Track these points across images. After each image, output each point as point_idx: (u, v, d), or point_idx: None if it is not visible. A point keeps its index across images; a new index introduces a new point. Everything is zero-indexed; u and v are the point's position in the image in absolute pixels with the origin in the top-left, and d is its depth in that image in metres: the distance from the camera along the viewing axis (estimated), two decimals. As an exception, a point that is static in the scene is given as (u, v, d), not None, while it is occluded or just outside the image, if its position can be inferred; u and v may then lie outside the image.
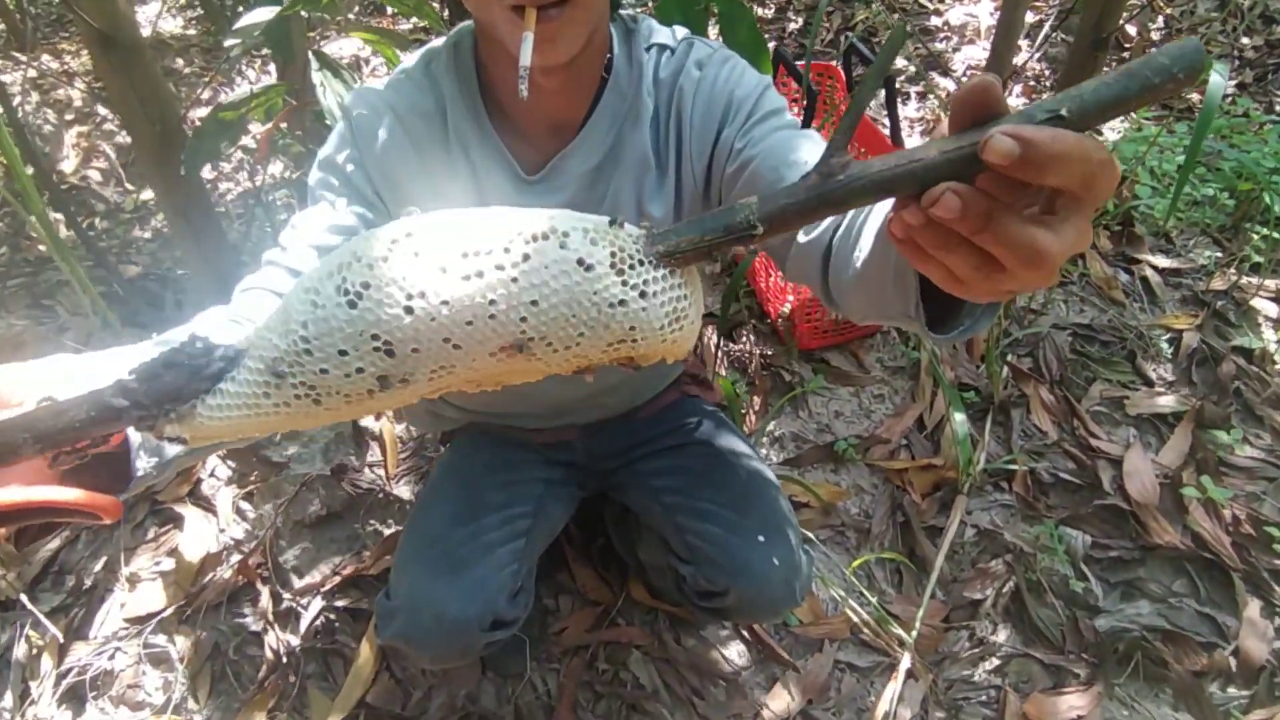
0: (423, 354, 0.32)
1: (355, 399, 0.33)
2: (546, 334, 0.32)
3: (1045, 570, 1.34)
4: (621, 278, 0.33)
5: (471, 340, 0.32)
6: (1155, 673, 1.22)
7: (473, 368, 0.33)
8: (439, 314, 0.31)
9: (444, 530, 0.90)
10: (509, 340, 0.32)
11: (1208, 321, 1.64)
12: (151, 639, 1.28)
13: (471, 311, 0.31)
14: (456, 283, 0.31)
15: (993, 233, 0.31)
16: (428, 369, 0.32)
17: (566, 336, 0.32)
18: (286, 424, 0.34)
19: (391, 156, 0.73)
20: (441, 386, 0.35)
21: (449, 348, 0.32)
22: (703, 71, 0.73)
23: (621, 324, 0.33)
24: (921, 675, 1.24)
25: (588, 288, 0.32)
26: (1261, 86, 2.53)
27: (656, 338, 0.34)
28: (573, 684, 1.22)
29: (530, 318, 0.32)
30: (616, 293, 0.32)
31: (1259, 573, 1.30)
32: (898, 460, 1.49)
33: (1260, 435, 1.47)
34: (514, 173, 0.74)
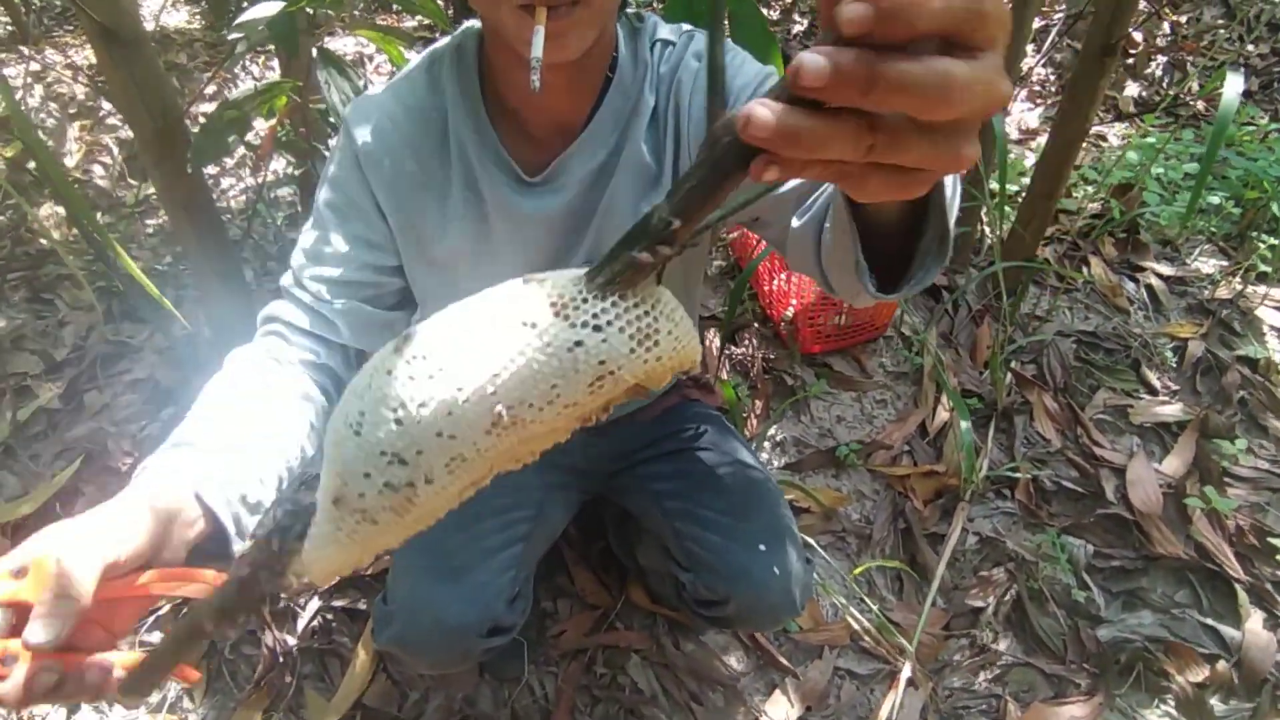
0: (427, 453, 0.34)
1: (401, 509, 0.36)
2: (521, 398, 0.33)
3: (1047, 579, 1.33)
4: (568, 321, 0.33)
5: (460, 427, 0.34)
6: (1156, 684, 1.22)
7: (482, 449, 0.35)
8: (421, 416, 0.34)
9: (442, 535, 0.89)
10: (491, 416, 0.33)
11: (1212, 330, 1.63)
12: (146, 636, 1.27)
13: (446, 405, 0.33)
14: (425, 384, 0.34)
15: (883, 82, 0.24)
16: (441, 464, 0.34)
17: (541, 394, 0.33)
18: (369, 546, 0.38)
19: (390, 168, 0.73)
20: (476, 474, 0.37)
21: (446, 439, 0.34)
22: (701, 63, 0.73)
23: (588, 363, 0.33)
24: (922, 683, 1.23)
25: (537, 342, 0.33)
26: (1268, 94, 2.52)
27: (634, 363, 0.34)
28: (571, 688, 1.21)
29: (498, 390, 0.33)
30: (568, 336, 0.33)
31: (1262, 584, 1.29)
32: (900, 466, 1.48)
33: (1265, 445, 1.47)
34: (514, 175, 0.73)
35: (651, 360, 0.35)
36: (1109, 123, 2.48)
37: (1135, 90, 2.59)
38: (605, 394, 0.35)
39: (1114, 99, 2.58)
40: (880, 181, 0.29)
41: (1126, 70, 2.69)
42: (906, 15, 0.24)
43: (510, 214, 0.74)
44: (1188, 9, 2.86)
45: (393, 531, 0.36)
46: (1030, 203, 1.59)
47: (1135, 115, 2.46)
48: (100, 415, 1.57)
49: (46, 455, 1.50)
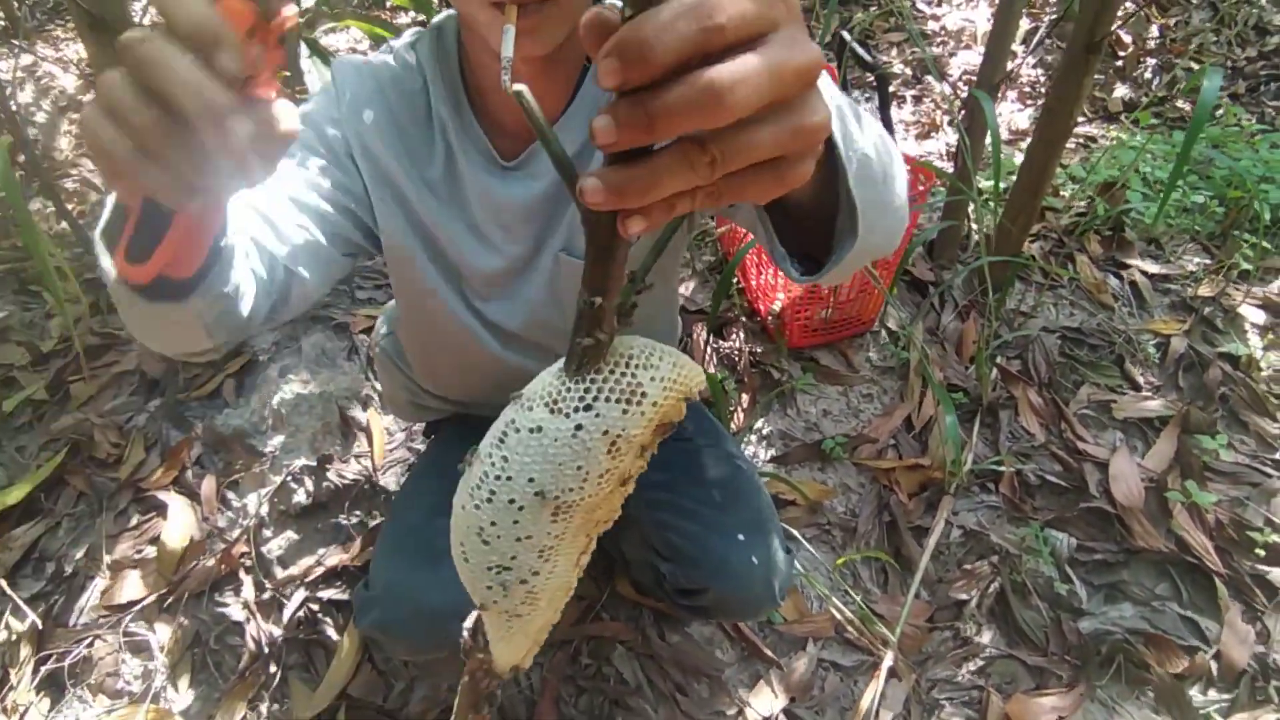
0: (519, 555, 0.42)
1: (530, 599, 0.44)
2: (561, 486, 0.39)
3: (1030, 572, 1.34)
4: (562, 414, 0.38)
5: (530, 528, 0.41)
6: (1137, 675, 1.23)
7: (558, 534, 0.41)
8: (499, 532, 0.41)
9: (424, 521, 0.89)
10: (549, 509, 0.40)
11: (1195, 327, 1.65)
12: (132, 627, 1.27)
13: (510, 515, 0.40)
14: (489, 508, 0.41)
15: (658, 116, 0.25)
16: (534, 557, 0.42)
17: (574, 476, 0.39)
18: (531, 628, 0.46)
19: (372, 129, 0.73)
20: (571, 548, 0.43)
21: (526, 540, 0.41)
22: None
23: (595, 438, 0.38)
24: (904, 675, 1.24)
25: (548, 441, 0.38)
26: (1254, 97, 2.55)
27: (632, 420, 0.38)
28: (555, 679, 1.22)
29: (542, 489, 0.39)
30: (567, 427, 0.38)
31: (1241, 577, 1.30)
32: (885, 460, 1.49)
33: (1245, 440, 1.48)
34: (491, 158, 0.74)
35: (648, 409, 0.38)
36: (1097, 123, 2.50)
37: (1125, 92, 2.61)
38: (629, 452, 0.39)
39: (1103, 100, 2.60)
40: (753, 184, 0.29)
41: (1116, 72, 2.71)
42: (646, 59, 0.25)
43: (488, 197, 0.75)
44: (1176, 12, 2.88)
45: (542, 613, 0.45)
46: (1016, 199, 1.60)
47: (1122, 114, 2.48)
48: (86, 407, 1.56)
49: (32, 446, 1.50)
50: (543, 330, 0.83)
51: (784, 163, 0.29)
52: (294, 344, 1.68)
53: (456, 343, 0.86)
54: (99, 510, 1.41)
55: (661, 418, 0.39)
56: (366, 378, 1.63)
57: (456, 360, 0.91)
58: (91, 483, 1.44)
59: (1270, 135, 2.07)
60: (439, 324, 0.85)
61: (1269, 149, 1.97)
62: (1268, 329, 1.63)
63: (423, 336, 0.92)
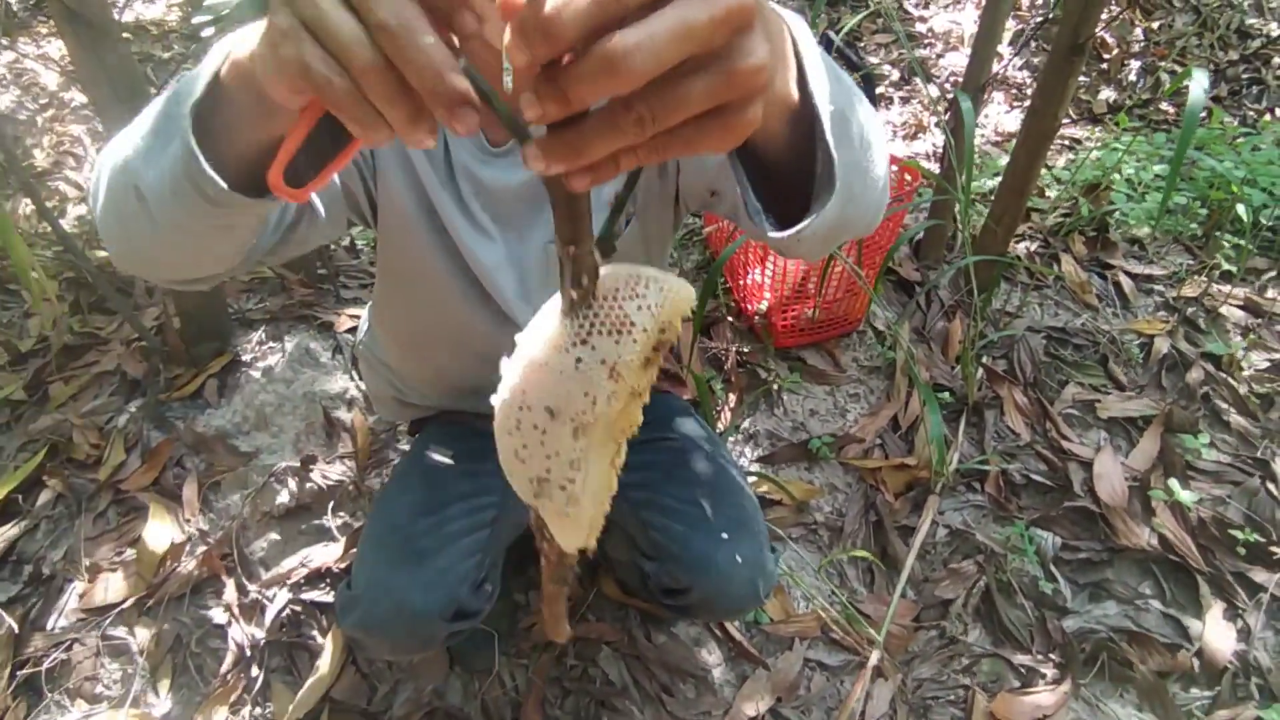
0: (553, 472, 0.46)
1: (572, 499, 0.47)
2: (576, 409, 0.43)
3: (1015, 571, 1.35)
4: (564, 350, 0.42)
5: (553, 447, 0.45)
6: (1120, 673, 1.23)
7: (583, 446, 0.45)
8: (529, 454, 0.45)
9: (407, 519, 0.88)
10: (564, 430, 0.43)
11: (1178, 327, 1.66)
12: (111, 631, 1.25)
13: (534, 439, 0.45)
14: (516, 435, 0.45)
15: (571, 89, 0.27)
16: (564, 469, 0.46)
17: (584, 400, 0.43)
18: (582, 519, 0.50)
19: None
20: (601, 456, 0.47)
21: (555, 459, 0.45)
22: None
23: (594, 368, 0.42)
24: (890, 674, 1.24)
25: (558, 374, 0.42)
26: (1236, 100, 2.57)
27: (626, 348, 0.42)
28: (541, 680, 1.21)
29: (558, 414, 0.43)
30: (569, 360, 0.42)
31: (1223, 575, 1.31)
32: (871, 459, 1.49)
33: (1227, 440, 1.49)
34: (479, 142, 0.74)
35: (640, 336, 0.42)
36: (1083, 125, 2.52)
37: (1110, 94, 2.63)
38: (631, 373, 0.43)
39: (1088, 103, 2.62)
40: (698, 137, 0.30)
41: (1101, 75, 2.73)
42: (549, 36, 0.26)
43: (475, 180, 0.75)
44: (1159, 15, 2.91)
45: (587, 509, 0.49)
46: (1002, 199, 1.61)
47: (1106, 115, 2.50)
48: (65, 407, 1.54)
49: (10, 447, 1.48)
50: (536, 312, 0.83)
51: (728, 110, 0.29)
52: (277, 344, 1.67)
53: (449, 321, 0.85)
54: (78, 512, 1.39)
55: (657, 339, 0.43)
56: (351, 377, 1.62)
57: (445, 343, 0.89)
58: (70, 484, 1.42)
59: (1252, 137, 2.09)
60: (430, 300, 0.84)
61: (1250, 151, 1.99)
62: (1249, 329, 1.64)
63: (411, 320, 0.91)
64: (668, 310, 0.43)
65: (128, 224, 0.50)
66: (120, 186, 0.49)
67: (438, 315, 0.86)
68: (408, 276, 0.84)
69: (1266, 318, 1.66)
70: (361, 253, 1.99)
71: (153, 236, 0.50)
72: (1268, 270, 1.76)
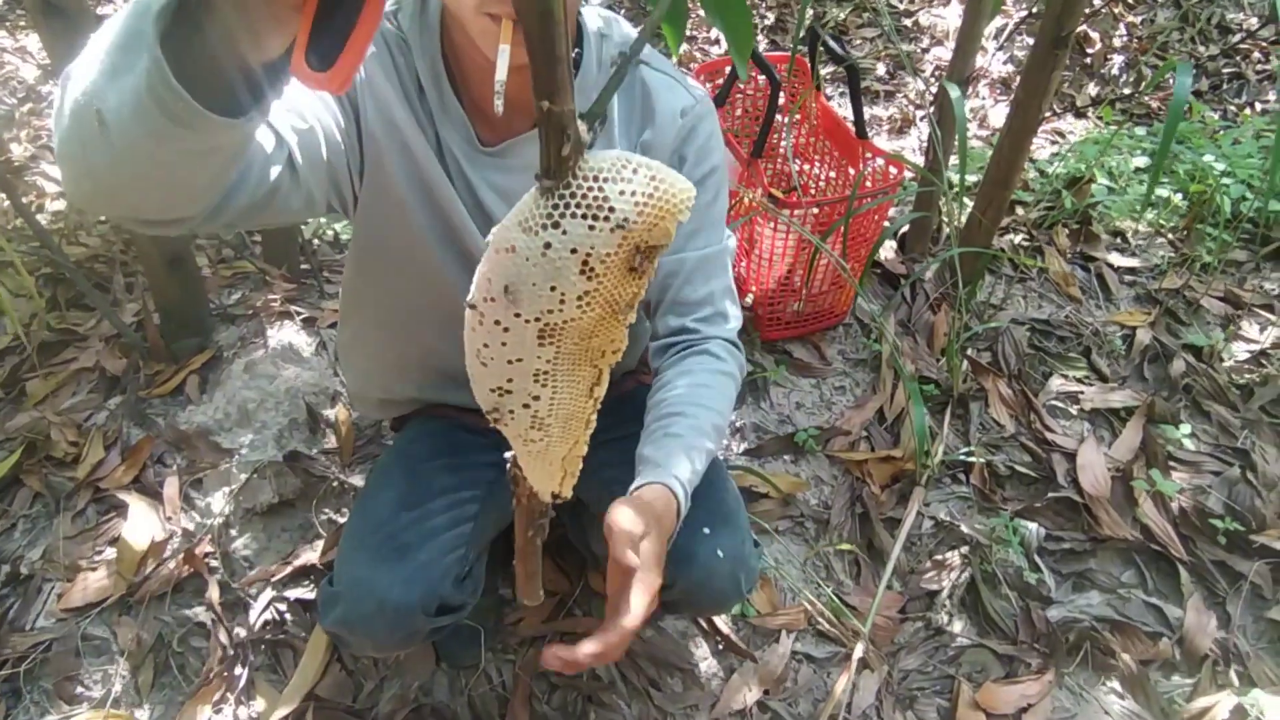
0: (516, 379, 0.45)
1: (538, 423, 0.48)
2: (539, 308, 0.39)
3: (1000, 561, 1.35)
4: (531, 232, 0.37)
5: (520, 351, 0.42)
6: (1103, 662, 1.24)
7: (550, 357, 0.42)
8: (490, 355, 0.45)
9: (389, 515, 0.88)
10: (528, 331, 0.40)
11: (1160, 319, 1.67)
12: (91, 630, 1.24)
13: (498, 338, 0.43)
14: (483, 331, 0.44)
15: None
16: (529, 381, 0.45)
17: (549, 297, 0.39)
18: (552, 456, 0.50)
19: (380, 71, 0.71)
20: (571, 372, 0.45)
21: (517, 363, 0.44)
22: (683, 121, 0.78)
23: (563, 256, 0.37)
24: (876, 665, 1.24)
25: (522, 261, 0.38)
26: (1217, 94, 2.60)
27: (600, 237, 0.37)
28: (528, 675, 1.20)
29: (521, 311, 0.40)
30: (536, 245, 0.37)
31: (1204, 564, 1.33)
32: (857, 452, 1.50)
33: (1207, 430, 1.51)
34: (471, 139, 0.73)
35: (616, 226, 0.36)
36: (1068, 118, 2.53)
37: (1094, 88, 2.65)
38: (608, 273, 0.37)
39: (1072, 96, 2.64)
40: None
41: (1084, 69, 2.75)
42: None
43: (465, 177, 0.74)
44: (1142, 10, 2.93)
45: (558, 440, 0.46)
46: (986, 192, 1.61)
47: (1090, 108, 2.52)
48: (43, 405, 1.52)
49: (-14, 446, 1.46)
50: None
51: None
52: (259, 339, 1.65)
53: (440, 299, 0.83)
54: (56, 511, 1.37)
55: (641, 237, 0.37)
56: (335, 372, 1.60)
57: (434, 322, 0.87)
58: (48, 483, 1.40)
59: (1232, 130, 2.11)
60: (421, 278, 0.82)
61: (1230, 144, 2.00)
62: (1229, 320, 1.66)
63: (398, 300, 0.88)
64: (656, 204, 0.37)
65: (89, 151, 0.46)
66: (81, 109, 0.45)
67: (429, 293, 0.84)
68: (398, 257, 0.82)
69: (1246, 309, 1.68)
70: (346, 246, 1.97)
71: (115, 165, 0.46)
72: (1247, 262, 1.78)
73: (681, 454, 0.75)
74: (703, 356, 0.83)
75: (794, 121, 1.77)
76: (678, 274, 0.81)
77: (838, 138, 1.67)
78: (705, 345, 0.84)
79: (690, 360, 0.83)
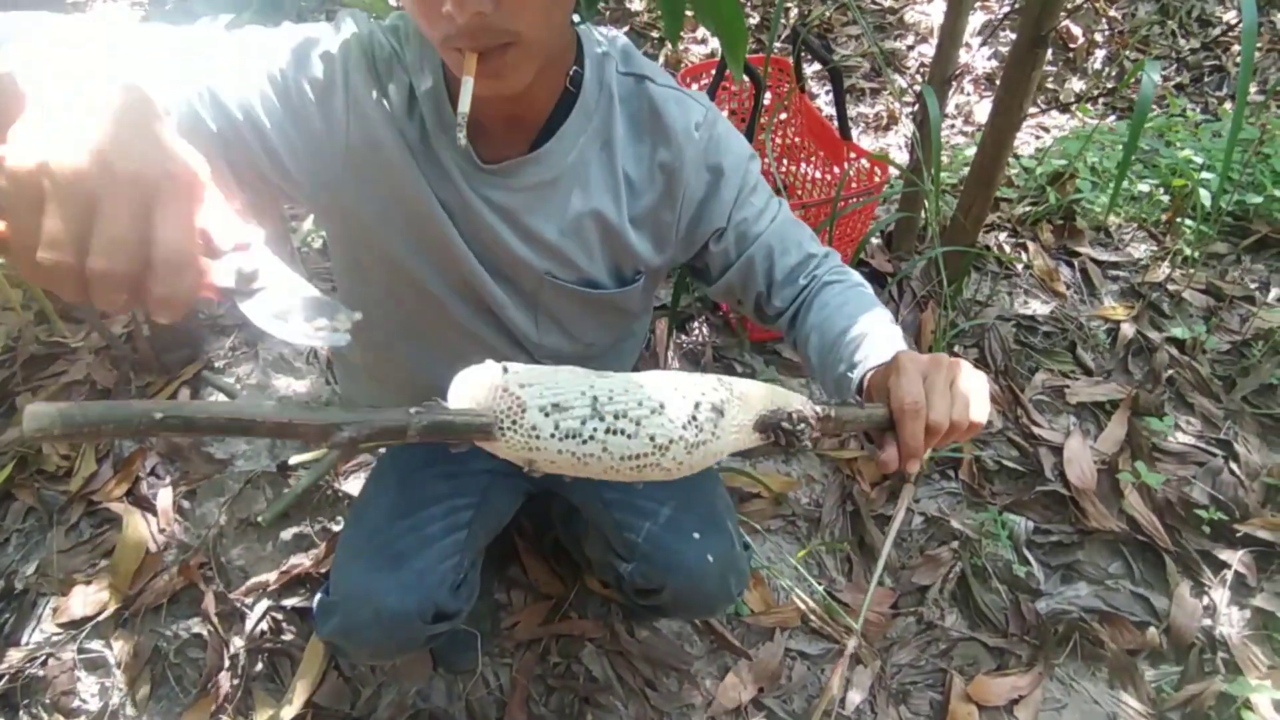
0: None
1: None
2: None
3: (989, 555, 1.37)
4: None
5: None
6: (1092, 652, 1.26)
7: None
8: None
9: (384, 523, 0.88)
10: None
11: (1143, 312, 1.70)
12: (87, 644, 1.24)
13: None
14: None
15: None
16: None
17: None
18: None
19: (365, 89, 0.69)
20: None
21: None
22: (699, 134, 0.76)
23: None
24: (869, 661, 1.26)
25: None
26: (1198, 88, 2.63)
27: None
28: (525, 678, 1.21)
29: None
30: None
31: (1189, 554, 1.35)
32: (848, 450, 1.51)
33: (1191, 421, 1.53)
34: (470, 156, 0.71)
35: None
36: (1053, 114, 2.55)
37: (1077, 84, 2.67)
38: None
39: (1056, 92, 2.66)
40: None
41: (1067, 65, 2.77)
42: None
43: (461, 195, 0.72)
44: (1123, 5, 2.95)
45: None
46: (970, 190, 1.63)
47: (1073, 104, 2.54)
48: (31, 404, 1.52)
49: (-23, 461, 1.45)
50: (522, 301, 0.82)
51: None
52: (250, 349, 1.65)
53: (424, 318, 0.83)
54: (49, 525, 1.37)
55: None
56: (327, 381, 1.61)
57: (417, 341, 0.87)
58: (41, 497, 1.40)
59: (1212, 124, 2.14)
60: (405, 296, 0.81)
61: (1211, 138, 2.03)
62: (1211, 312, 1.68)
63: (384, 324, 0.87)
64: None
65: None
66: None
67: (418, 311, 0.83)
68: (381, 275, 0.81)
69: (1228, 301, 1.70)
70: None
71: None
72: (1228, 255, 1.80)
73: (882, 338, 0.71)
74: (823, 291, 0.79)
75: (779, 122, 1.79)
76: (769, 254, 0.79)
77: (822, 138, 1.68)
78: (821, 282, 0.80)
79: (817, 302, 0.78)
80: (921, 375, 0.59)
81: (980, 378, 0.62)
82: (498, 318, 0.81)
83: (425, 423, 0.47)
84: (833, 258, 0.83)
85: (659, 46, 2.77)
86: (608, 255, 0.79)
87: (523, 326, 0.82)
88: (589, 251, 0.77)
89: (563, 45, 0.69)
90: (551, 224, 0.74)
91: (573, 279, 0.78)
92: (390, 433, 0.46)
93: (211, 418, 0.42)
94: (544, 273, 0.77)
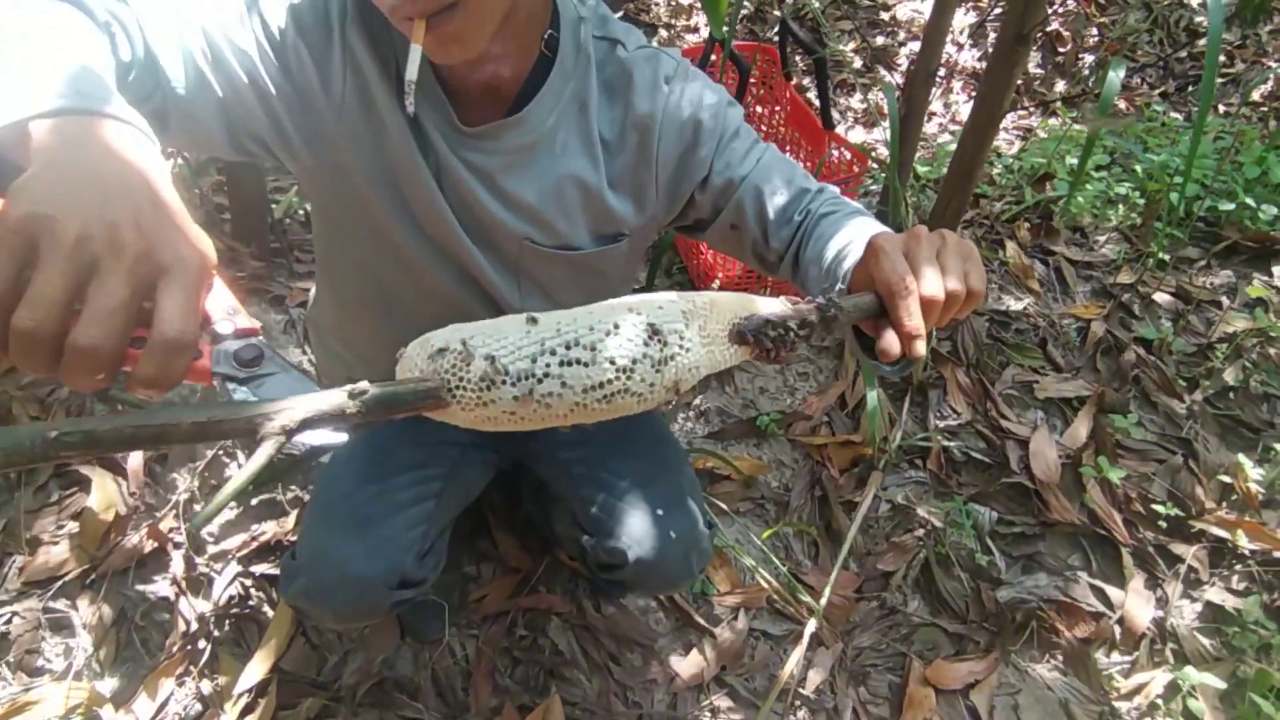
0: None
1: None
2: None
3: (953, 544, 1.40)
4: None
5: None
6: (1048, 640, 1.29)
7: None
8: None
9: (352, 488, 0.89)
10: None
11: (1114, 312, 1.72)
12: (52, 604, 1.24)
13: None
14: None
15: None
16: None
17: None
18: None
19: (364, 46, 0.69)
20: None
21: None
22: (669, 87, 0.76)
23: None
24: (831, 643, 1.28)
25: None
26: (1182, 95, 2.66)
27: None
28: (491, 650, 1.23)
29: None
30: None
31: (1145, 548, 1.38)
32: (818, 436, 1.53)
33: (1154, 420, 1.56)
34: (450, 119, 0.71)
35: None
36: (1039, 115, 2.58)
37: (1064, 87, 2.70)
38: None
39: (1043, 94, 2.68)
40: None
41: (1056, 68, 2.80)
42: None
43: (440, 157, 0.73)
44: (1114, 11, 2.98)
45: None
46: (950, 185, 1.65)
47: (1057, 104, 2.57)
48: (4, 379, 1.50)
49: (-55, 419, 1.44)
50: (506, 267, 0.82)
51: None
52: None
53: (404, 281, 0.83)
54: (18, 485, 1.36)
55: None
56: (303, 351, 1.61)
57: (397, 306, 0.86)
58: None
59: (1190, 130, 2.17)
60: (387, 259, 0.81)
61: (1188, 144, 2.06)
62: (1179, 315, 1.71)
63: (364, 287, 0.87)
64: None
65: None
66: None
67: (399, 274, 0.83)
68: (363, 235, 0.80)
69: (1195, 304, 1.74)
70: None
71: None
72: (1199, 259, 1.83)
73: (863, 237, 0.65)
74: (819, 224, 0.75)
75: (764, 111, 1.80)
76: (757, 196, 0.77)
77: (805, 127, 1.69)
78: (816, 216, 0.76)
79: (811, 236, 0.74)
80: (903, 252, 0.55)
81: (968, 245, 0.58)
82: (479, 284, 0.81)
83: (367, 399, 0.43)
84: (828, 191, 0.78)
85: (650, 35, 2.77)
86: (588, 219, 0.78)
87: (504, 292, 0.81)
88: (568, 215, 0.77)
89: (535, 9, 0.69)
90: (530, 187, 0.75)
91: (552, 243, 0.78)
92: (328, 416, 0.42)
93: (116, 430, 0.38)
94: (523, 237, 0.77)
